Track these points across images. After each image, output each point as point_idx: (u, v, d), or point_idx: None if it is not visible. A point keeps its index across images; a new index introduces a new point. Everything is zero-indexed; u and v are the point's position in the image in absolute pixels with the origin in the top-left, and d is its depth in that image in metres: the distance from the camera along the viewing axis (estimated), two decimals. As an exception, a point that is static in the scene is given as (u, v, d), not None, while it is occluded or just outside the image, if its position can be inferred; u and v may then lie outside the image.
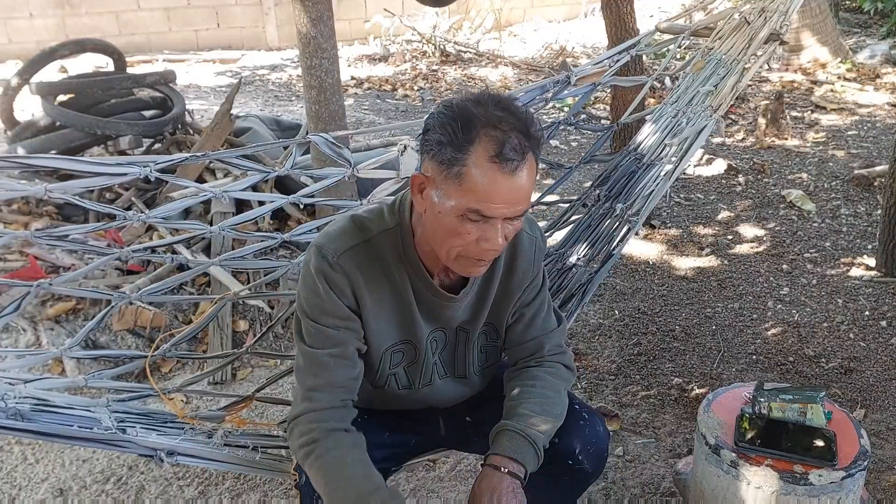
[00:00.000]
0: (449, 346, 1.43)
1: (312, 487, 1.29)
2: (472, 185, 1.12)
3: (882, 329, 2.83)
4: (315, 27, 2.92)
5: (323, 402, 1.28)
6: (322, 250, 1.25)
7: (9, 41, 7.31)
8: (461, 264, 1.22)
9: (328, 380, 1.28)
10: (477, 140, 1.11)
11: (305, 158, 3.34)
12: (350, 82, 6.67)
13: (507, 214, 1.16)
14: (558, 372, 1.44)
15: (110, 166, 1.59)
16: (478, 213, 1.14)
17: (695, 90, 2.18)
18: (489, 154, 1.11)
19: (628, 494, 2.04)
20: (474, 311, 1.39)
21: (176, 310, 2.88)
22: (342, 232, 1.28)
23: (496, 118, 1.12)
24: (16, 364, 1.97)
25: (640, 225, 1.96)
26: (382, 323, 1.32)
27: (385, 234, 1.28)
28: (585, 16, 9.38)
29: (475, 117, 1.12)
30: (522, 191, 1.15)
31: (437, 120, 1.15)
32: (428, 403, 1.49)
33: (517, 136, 1.12)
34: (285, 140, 2.31)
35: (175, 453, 1.48)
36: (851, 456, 1.54)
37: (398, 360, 1.39)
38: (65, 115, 3.59)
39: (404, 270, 1.29)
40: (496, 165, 1.11)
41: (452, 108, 1.15)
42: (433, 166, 1.16)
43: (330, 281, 1.25)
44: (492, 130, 1.12)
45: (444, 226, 1.17)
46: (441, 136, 1.13)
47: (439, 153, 1.14)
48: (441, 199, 1.15)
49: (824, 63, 6.54)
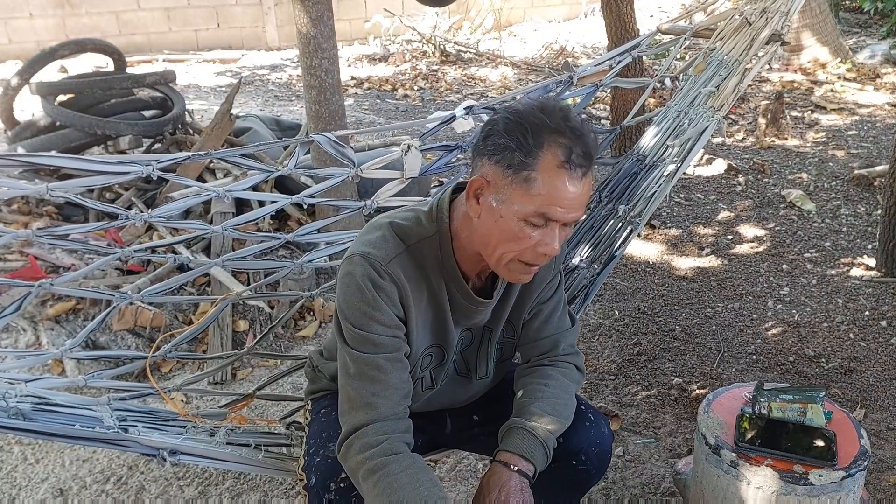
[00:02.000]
0: (473, 345, 1.44)
1: (323, 491, 1.28)
2: (540, 189, 1.14)
3: (882, 329, 2.83)
4: (315, 27, 2.93)
5: (383, 408, 1.23)
6: (369, 258, 1.23)
7: (9, 41, 7.31)
8: (511, 269, 1.23)
9: (386, 382, 1.24)
10: (546, 146, 1.14)
11: (305, 158, 3.34)
12: (350, 82, 6.67)
13: (569, 220, 1.18)
14: (570, 373, 1.45)
15: (112, 165, 1.59)
16: (543, 216, 1.16)
17: (696, 91, 2.18)
18: (559, 160, 1.14)
19: (628, 494, 2.04)
20: (498, 309, 1.41)
21: (176, 310, 2.88)
22: (384, 240, 1.26)
23: (563, 127, 1.15)
24: (16, 364, 1.97)
25: (642, 226, 1.96)
26: (420, 328, 1.32)
27: (425, 241, 1.28)
28: (585, 16, 9.39)
29: (544, 124, 1.15)
30: (585, 197, 1.18)
31: (502, 125, 1.17)
32: (442, 403, 1.49)
33: (582, 145, 1.15)
34: (287, 139, 2.31)
35: (177, 452, 1.48)
36: (851, 456, 1.54)
37: (427, 363, 1.39)
38: (65, 115, 3.59)
39: (441, 277, 1.30)
40: (565, 171, 1.14)
41: (518, 114, 1.16)
42: (496, 171, 1.17)
43: (379, 289, 1.23)
44: (560, 138, 1.14)
45: (503, 230, 1.18)
46: (508, 141, 1.15)
47: (504, 158, 1.15)
48: (503, 205, 1.17)
49: (824, 63, 6.54)
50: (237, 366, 2.67)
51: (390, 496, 1.16)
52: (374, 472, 1.19)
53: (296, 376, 2.42)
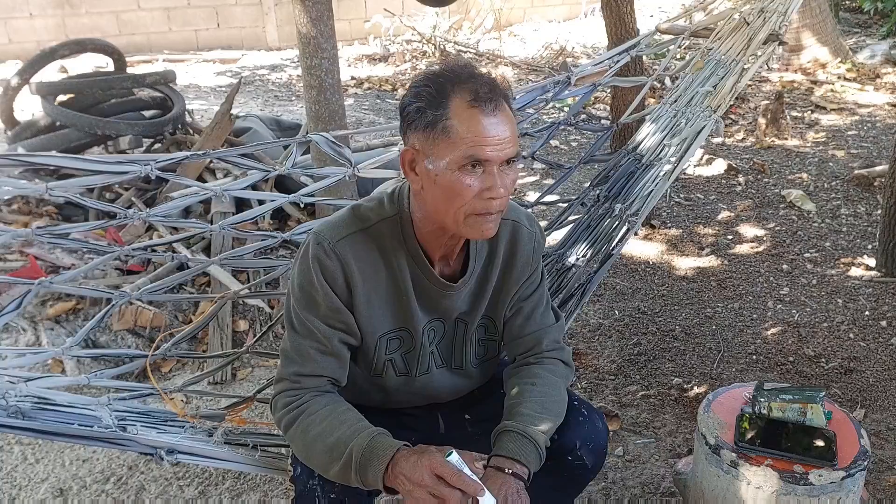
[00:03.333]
0: (447, 337, 1.44)
1: (307, 477, 1.30)
2: (459, 133, 1.17)
3: (882, 329, 2.83)
4: (315, 27, 2.93)
5: (307, 384, 1.31)
6: (318, 237, 1.28)
7: (9, 41, 7.31)
8: (471, 224, 1.23)
9: (313, 370, 1.31)
10: (452, 94, 1.18)
11: (305, 158, 3.35)
12: (350, 82, 6.67)
13: (500, 156, 1.19)
14: (557, 369, 1.45)
15: (111, 164, 1.59)
16: (472, 158, 1.17)
17: (694, 90, 2.18)
18: (467, 101, 1.17)
19: (628, 494, 2.04)
20: (473, 302, 1.41)
21: (176, 309, 2.88)
22: (341, 220, 1.31)
23: (465, 74, 1.19)
24: (16, 363, 1.97)
25: (639, 225, 1.96)
26: (377, 310, 1.33)
27: (384, 222, 1.30)
28: (585, 16, 9.39)
29: (445, 77, 1.19)
30: (507, 130, 1.19)
31: (410, 94, 1.21)
32: (427, 394, 1.49)
33: (486, 84, 1.19)
34: (286, 139, 2.31)
35: (175, 451, 1.48)
36: (851, 456, 1.54)
37: (395, 346, 1.40)
38: (65, 115, 3.59)
39: (403, 258, 1.31)
40: (476, 108, 1.17)
41: (420, 80, 1.21)
42: (418, 136, 1.20)
43: (324, 268, 1.26)
44: (464, 84, 1.18)
45: (444, 188, 1.19)
46: (418, 104, 1.19)
47: (420, 119, 1.19)
48: (435, 164, 1.19)
49: (824, 63, 6.54)
50: (237, 366, 2.67)
51: (308, 434, 1.25)
52: (295, 419, 1.27)
53: (295, 376, 2.42)
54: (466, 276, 1.36)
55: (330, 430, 1.24)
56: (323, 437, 1.24)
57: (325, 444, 1.23)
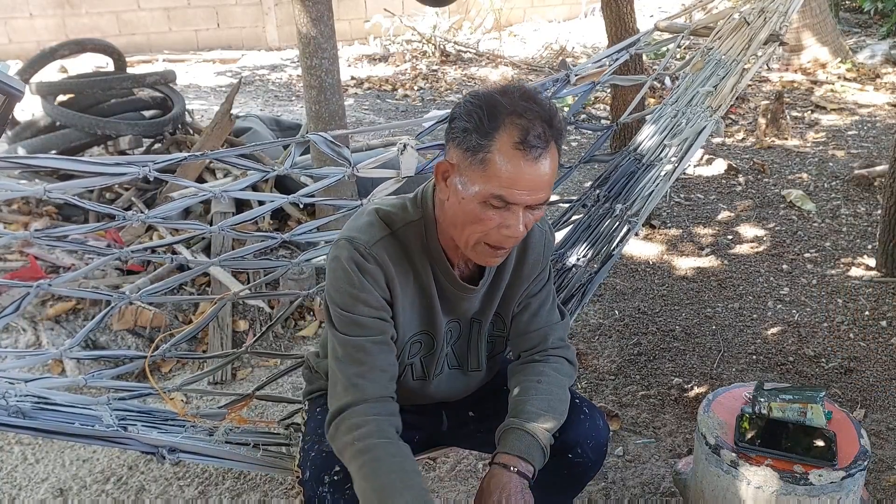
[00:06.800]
0: (463, 337, 1.44)
1: (316, 483, 1.29)
2: (496, 171, 1.15)
3: (882, 329, 2.83)
4: (315, 27, 2.93)
5: (369, 390, 1.26)
6: (354, 242, 1.26)
7: (9, 41, 7.31)
8: (479, 252, 1.24)
9: (372, 364, 1.27)
10: (502, 127, 1.15)
11: (306, 158, 3.35)
12: (350, 82, 6.67)
13: (529, 202, 1.18)
14: (562, 367, 1.45)
15: (109, 166, 1.59)
16: (500, 198, 1.16)
17: (694, 90, 2.18)
18: (513, 141, 1.14)
19: (628, 494, 2.04)
20: (486, 301, 1.41)
21: (176, 310, 2.88)
22: (370, 225, 1.29)
23: (521, 107, 1.16)
24: (16, 364, 1.97)
25: (639, 225, 1.96)
26: (408, 313, 1.34)
27: (409, 225, 1.30)
28: (585, 16, 9.39)
29: (501, 106, 1.16)
30: (544, 179, 1.18)
31: (463, 108, 1.19)
32: (436, 396, 1.49)
33: (541, 124, 1.16)
34: (285, 139, 2.31)
35: (176, 450, 1.48)
36: (851, 456, 1.54)
37: (416, 350, 1.40)
38: (65, 115, 3.59)
39: (427, 262, 1.31)
40: (520, 152, 1.14)
41: (478, 97, 1.18)
42: (458, 153, 1.19)
43: (364, 271, 1.25)
44: (517, 119, 1.15)
45: (466, 212, 1.19)
46: (467, 124, 1.17)
47: (464, 140, 1.17)
48: (464, 186, 1.18)
49: (824, 63, 6.54)
50: (237, 366, 2.67)
51: (376, 479, 1.19)
52: (363, 454, 1.21)
53: (296, 377, 2.43)
54: (485, 277, 1.37)
55: (392, 491, 1.18)
56: (382, 492, 1.18)
57: (380, 498, 1.18)
